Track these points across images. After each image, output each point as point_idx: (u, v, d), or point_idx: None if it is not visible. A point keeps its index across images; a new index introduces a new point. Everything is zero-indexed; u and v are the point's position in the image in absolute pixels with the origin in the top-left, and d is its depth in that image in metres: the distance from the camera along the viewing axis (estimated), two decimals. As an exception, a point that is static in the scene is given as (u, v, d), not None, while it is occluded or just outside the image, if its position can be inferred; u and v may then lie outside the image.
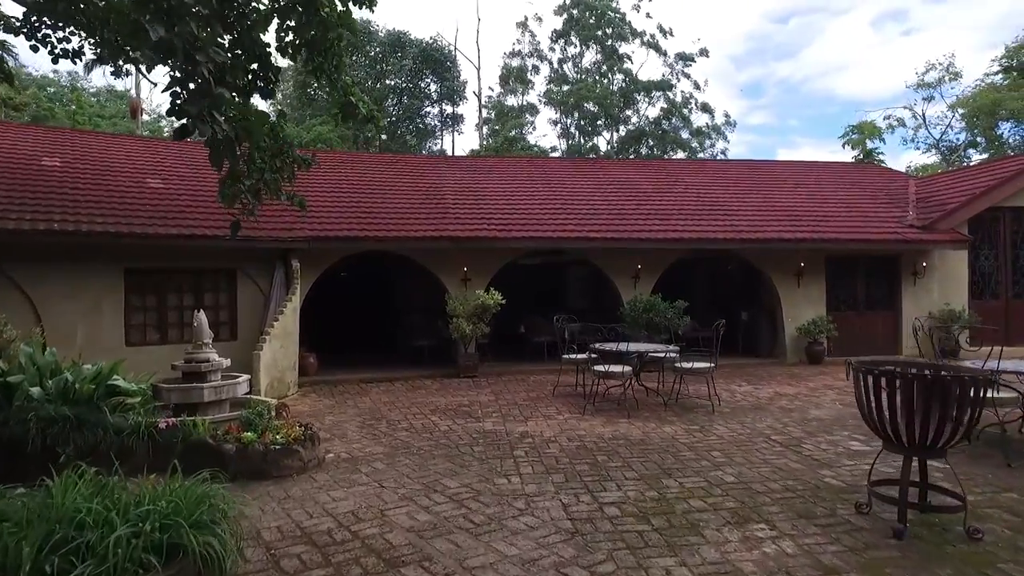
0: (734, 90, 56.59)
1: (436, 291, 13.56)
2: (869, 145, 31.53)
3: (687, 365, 8.77)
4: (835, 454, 6.42)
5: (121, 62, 5.77)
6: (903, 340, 14.21)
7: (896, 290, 14.34)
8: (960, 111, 26.81)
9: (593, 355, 9.14)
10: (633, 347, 8.82)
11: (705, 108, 38.70)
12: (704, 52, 39.09)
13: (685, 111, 38.60)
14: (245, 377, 7.08)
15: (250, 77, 5.57)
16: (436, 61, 38.61)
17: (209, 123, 3.34)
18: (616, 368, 8.46)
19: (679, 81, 38.82)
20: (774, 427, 7.66)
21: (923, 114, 29.11)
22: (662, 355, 9.03)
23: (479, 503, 5.05)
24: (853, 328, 14.02)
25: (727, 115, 40.27)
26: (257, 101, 7.86)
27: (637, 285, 13.36)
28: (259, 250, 11.13)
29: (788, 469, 5.90)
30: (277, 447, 5.78)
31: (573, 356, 9.81)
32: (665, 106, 38.38)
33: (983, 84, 25.74)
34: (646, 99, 39.27)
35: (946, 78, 27.60)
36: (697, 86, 38.99)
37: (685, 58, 38.88)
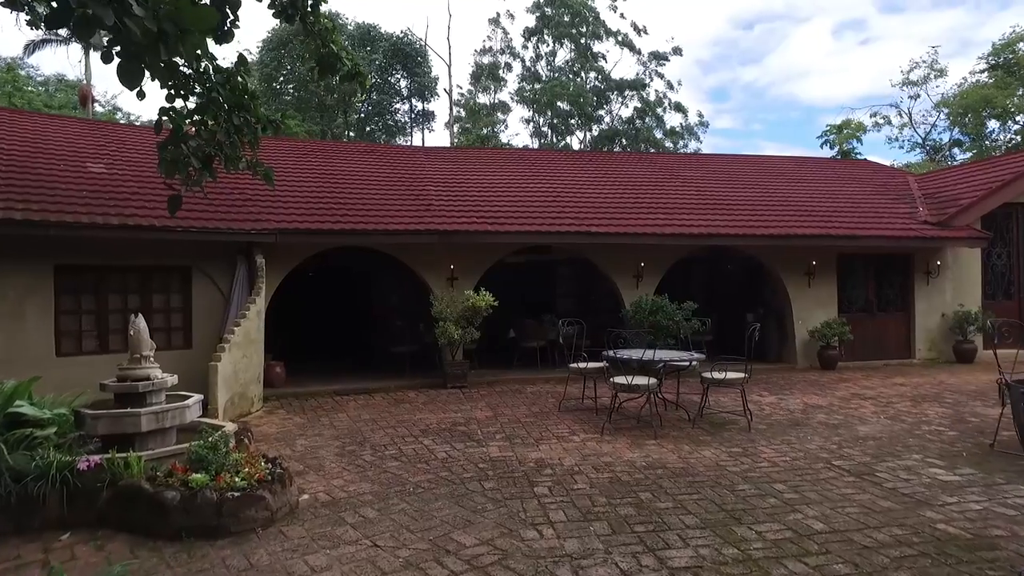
0: (701, 94, 56.70)
1: (418, 292, 12.26)
2: (847, 145, 31.12)
3: (718, 376, 7.63)
4: (923, 486, 5.32)
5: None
6: (915, 344, 13.39)
7: (908, 291, 13.50)
8: (945, 109, 26.46)
9: (608, 364, 7.95)
10: (658, 355, 7.63)
11: (679, 108, 38.17)
12: (678, 51, 38.62)
13: (659, 111, 38.07)
14: (196, 398, 5.68)
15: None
16: (407, 56, 37.46)
17: (112, 5, 1.97)
18: (641, 380, 7.28)
19: (652, 80, 38.33)
20: (827, 448, 6.56)
21: (910, 112, 28.65)
22: (687, 364, 7.89)
23: (509, 571, 3.79)
24: (864, 331, 13.12)
25: (700, 115, 39.86)
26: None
27: (640, 285, 12.23)
28: (218, 244, 9.67)
29: (880, 509, 4.77)
30: (236, 493, 4.43)
31: (582, 365, 8.60)
32: (639, 105, 37.76)
33: (969, 83, 25.46)
34: (619, 98, 38.73)
35: (931, 75, 27.23)
36: (670, 86, 38.46)
37: (659, 57, 38.39)
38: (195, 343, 9.68)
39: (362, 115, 38.35)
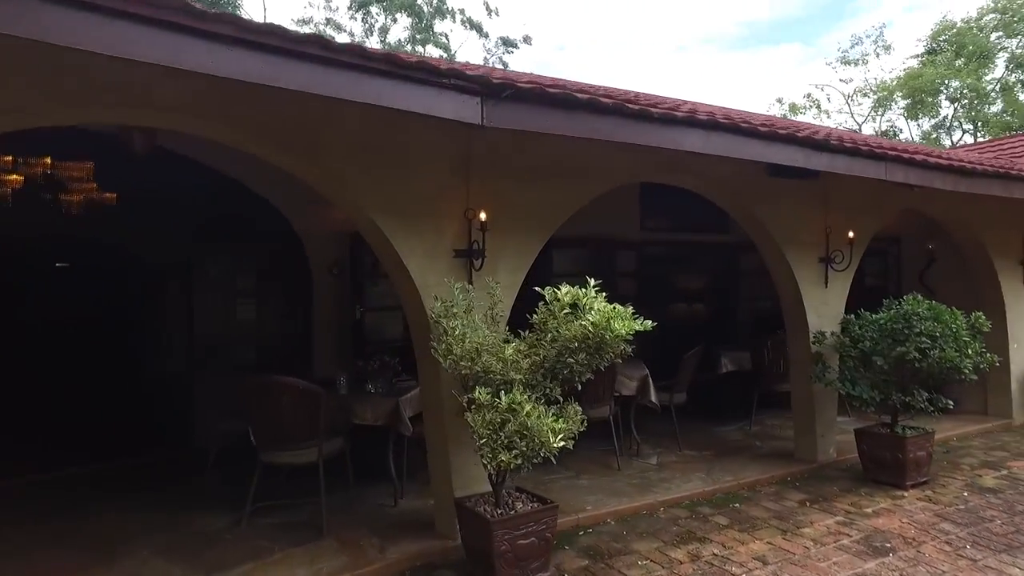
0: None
1: (343, 285, 4.59)
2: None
3: None
4: None
5: None
6: None
7: None
8: (874, 95, 23.89)
9: None
10: None
11: (529, 98, 34.05)
12: (527, 40, 34.46)
13: (507, 98, 33.61)
14: None
15: None
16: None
17: None
18: None
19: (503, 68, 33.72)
20: None
21: (847, 96, 25.22)
22: None
23: None
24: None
25: (549, 105, 36.10)
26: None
27: (829, 277, 5.74)
28: None
29: None
30: None
31: None
32: (487, 94, 33.01)
33: (904, 69, 23.16)
34: (463, 84, 33.80)
35: (876, 51, 24.36)
36: (518, 76, 34.33)
37: (508, 43, 33.98)
38: None
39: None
